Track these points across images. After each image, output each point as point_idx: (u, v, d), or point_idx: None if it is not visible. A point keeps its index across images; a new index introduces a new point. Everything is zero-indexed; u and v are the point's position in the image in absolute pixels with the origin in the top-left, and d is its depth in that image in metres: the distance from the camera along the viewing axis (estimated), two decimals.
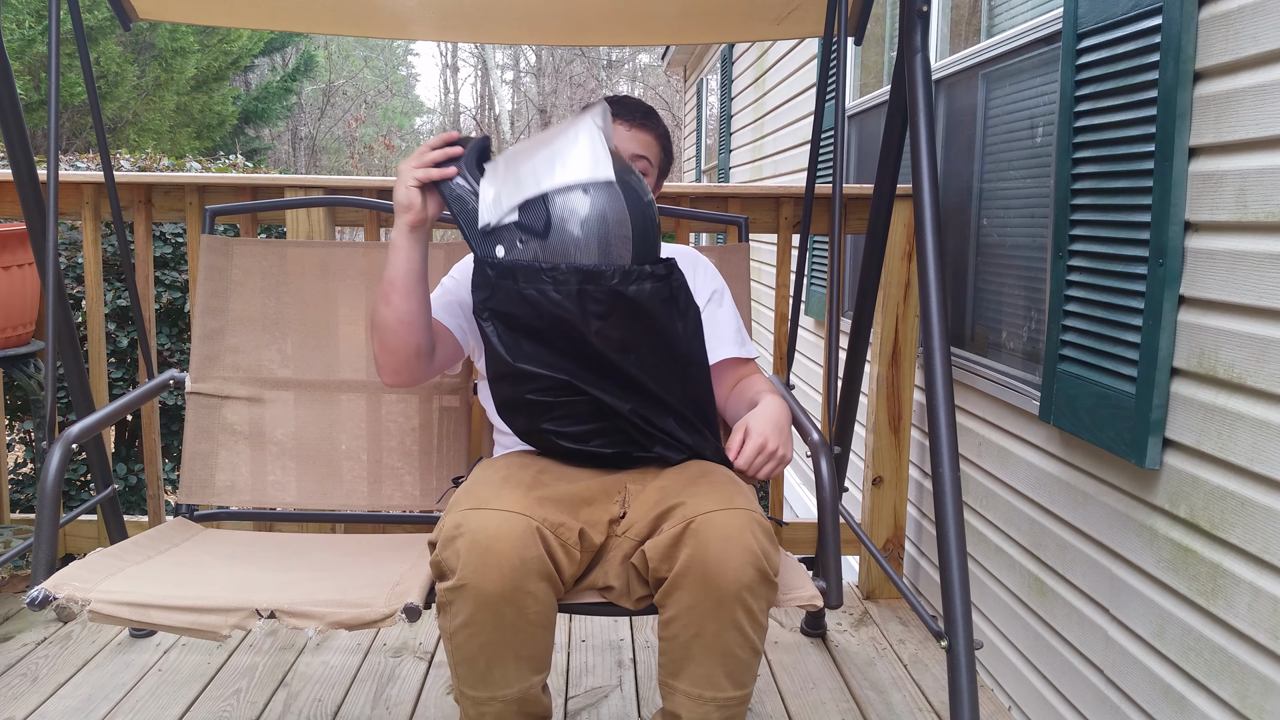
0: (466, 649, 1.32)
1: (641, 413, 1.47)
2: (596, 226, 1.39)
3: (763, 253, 5.41)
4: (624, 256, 1.42)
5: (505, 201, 1.41)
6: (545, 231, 1.39)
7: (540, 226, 1.39)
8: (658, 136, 1.75)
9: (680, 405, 1.50)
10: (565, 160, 1.40)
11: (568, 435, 1.50)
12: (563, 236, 1.39)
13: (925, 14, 1.55)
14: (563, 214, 1.39)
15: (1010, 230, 2.18)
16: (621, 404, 1.45)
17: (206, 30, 11.02)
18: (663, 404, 1.48)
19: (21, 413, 3.61)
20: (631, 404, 1.46)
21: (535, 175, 1.40)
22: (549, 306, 1.41)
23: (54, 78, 1.65)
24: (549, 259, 1.39)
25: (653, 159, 1.74)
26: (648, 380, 1.46)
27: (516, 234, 1.40)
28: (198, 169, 4.79)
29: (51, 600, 1.34)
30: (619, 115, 1.71)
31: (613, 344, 1.43)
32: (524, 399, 1.49)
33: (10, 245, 2.33)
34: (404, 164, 1.48)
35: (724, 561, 1.28)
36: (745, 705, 1.38)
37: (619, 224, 1.41)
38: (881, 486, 2.51)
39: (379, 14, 2.00)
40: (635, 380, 1.45)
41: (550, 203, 1.39)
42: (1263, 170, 1.30)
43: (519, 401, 1.50)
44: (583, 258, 1.39)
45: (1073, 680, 1.77)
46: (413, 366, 1.54)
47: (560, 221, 1.39)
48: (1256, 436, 1.31)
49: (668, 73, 12.47)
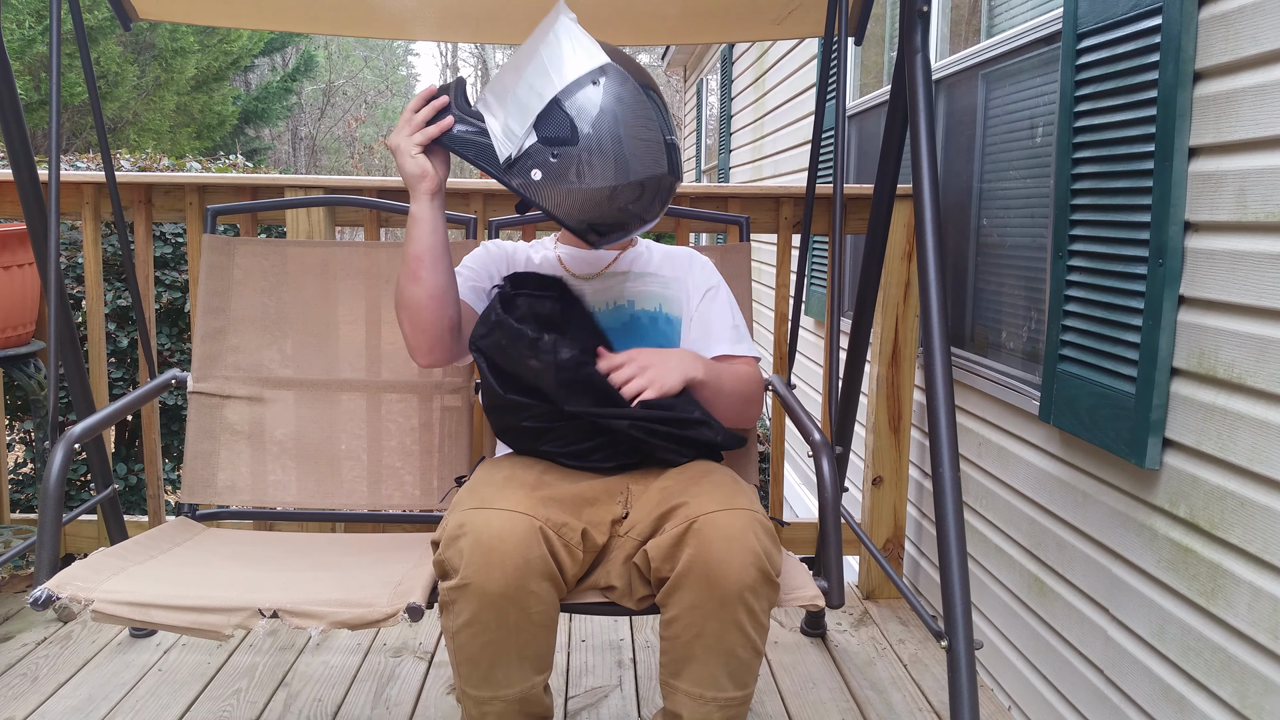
0: (469, 648, 1.32)
1: (640, 425, 1.47)
2: (623, 111, 1.38)
3: (763, 253, 5.41)
4: (657, 122, 1.40)
5: (517, 127, 1.38)
6: (574, 136, 1.36)
7: (567, 132, 1.36)
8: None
9: (679, 405, 1.51)
10: (558, 63, 1.37)
11: (567, 454, 1.52)
12: (597, 133, 1.37)
13: (925, 14, 1.55)
14: (583, 111, 1.37)
15: (1010, 230, 2.18)
16: (618, 421, 1.46)
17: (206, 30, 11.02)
18: (659, 408, 1.48)
19: (22, 413, 3.61)
20: (628, 419, 1.46)
21: (535, 90, 1.37)
22: (527, 373, 1.43)
23: (55, 78, 1.65)
24: (590, 158, 1.37)
25: None
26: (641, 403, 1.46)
27: (545, 152, 1.37)
28: (198, 169, 4.79)
29: (55, 600, 1.34)
30: None
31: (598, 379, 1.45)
32: (519, 426, 1.51)
33: (10, 245, 2.33)
34: (395, 137, 1.45)
35: (726, 562, 1.28)
36: (746, 705, 1.39)
37: (635, 97, 1.39)
38: (881, 486, 2.51)
39: (379, 14, 2.00)
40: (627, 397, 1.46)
41: (565, 106, 1.36)
42: (1263, 170, 1.30)
43: (515, 429, 1.53)
44: (628, 148, 1.37)
45: (1072, 680, 1.78)
46: (446, 343, 1.53)
47: (584, 119, 1.37)
48: (1256, 436, 1.31)
49: (668, 73, 12.47)
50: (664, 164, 1.42)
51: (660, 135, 1.42)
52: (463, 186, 2.39)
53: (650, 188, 1.42)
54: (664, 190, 1.45)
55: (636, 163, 1.39)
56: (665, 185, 1.44)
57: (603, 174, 1.38)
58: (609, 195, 1.39)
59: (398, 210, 2.10)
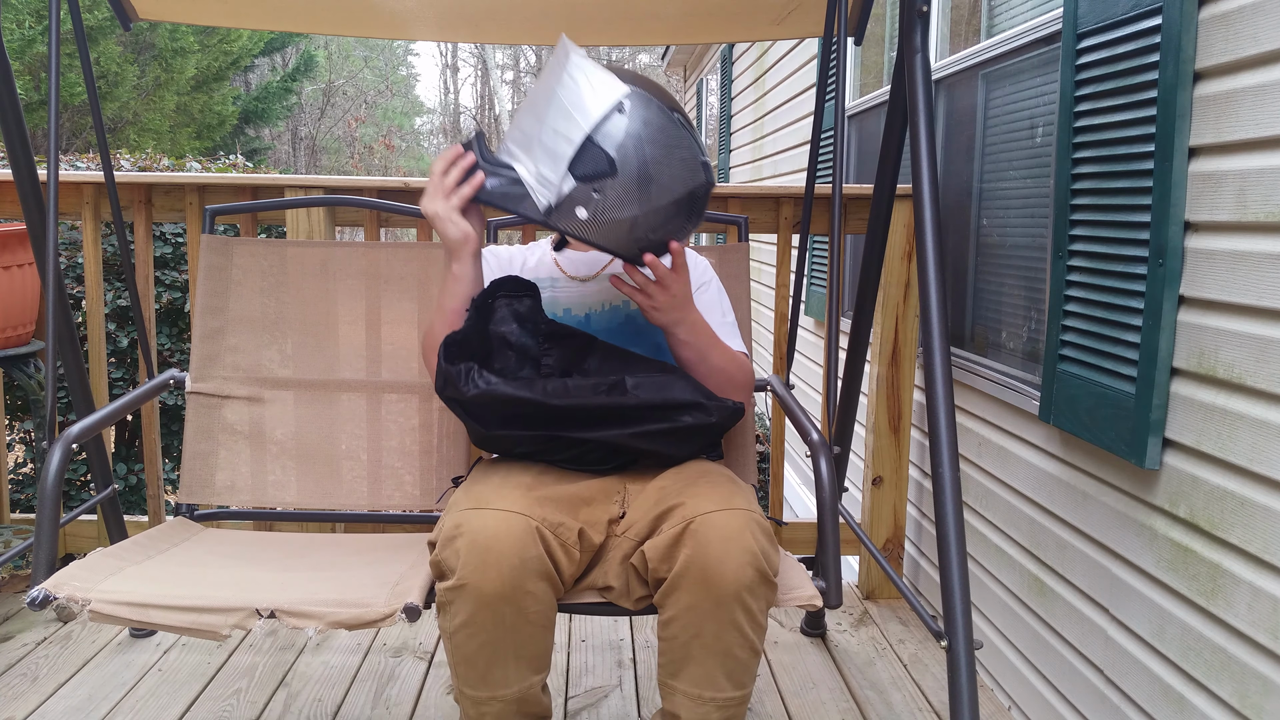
0: (466, 649, 1.32)
1: (633, 431, 1.47)
2: (654, 132, 1.38)
3: (763, 253, 5.41)
4: (687, 135, 1.41)
5: (551, 173, 1.38)
6: (612, 167, 1.36)
7: (604, 166, 1.36)
8: None
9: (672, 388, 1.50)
10: (579, 103, 1.37)
11: (562, 460, 1.53)
12: (634, 159, 1.37)
13: (925, 14, 1.55)
14: (615, 141, 1.37)
15: (1010, 230, 2.18)
16: (610, 431, 1.46)
17: (206, 30, 11.02)
18: (654, 409, 1.48)
19: (21, 413, 3.61)
20: (617, 429, 1.46)
21: (563, 134, 1.37)
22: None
23: (54, 78, 1.65)
24: (632, 185, 1.37)
25: None
26: (632, 403, 1.46)
27: (586, 189, 1.37)
28: (198, 169, 4.79)
29: (52, 600, 1.34)
30: None
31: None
32: (513, 453, 1.54)
33: (10, 245, 2.33)
34: (429, 204, 1.45)
35: (723, 562, 1.28)
36: (745, 705, 1.38)
37: (662, 116, 1.40)
38: (881, 486, 2.51)
39: (379, 14, 2.00)
40: (619, 408, 1.46)
41: (596, 141, 1.36)
42: (1263, 170, 1.30)
43: (509, 454, 1.55)
44: (666, 167, 1.38)
45: (1072, 680, 1.77)
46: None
47: (618, 148, 1.36)
48: (1256, 436, 1.31)
49: (668, 73, 12.46)
50: (701, 174, 1.43)
51: (692, 146, 1.43)
52: None
53: (694, 198, 1.44)
54: (704, 198, 1.47)
55: (677, 178, 1.40)
56: (705, 193, 1.46)
57: (647, 197, 1.38)
58: (657, 216, 1.40)
59: (397, 210, 2.10)
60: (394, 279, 1.95)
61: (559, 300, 1.69)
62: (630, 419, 1.46)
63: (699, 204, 1.45)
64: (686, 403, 1.48)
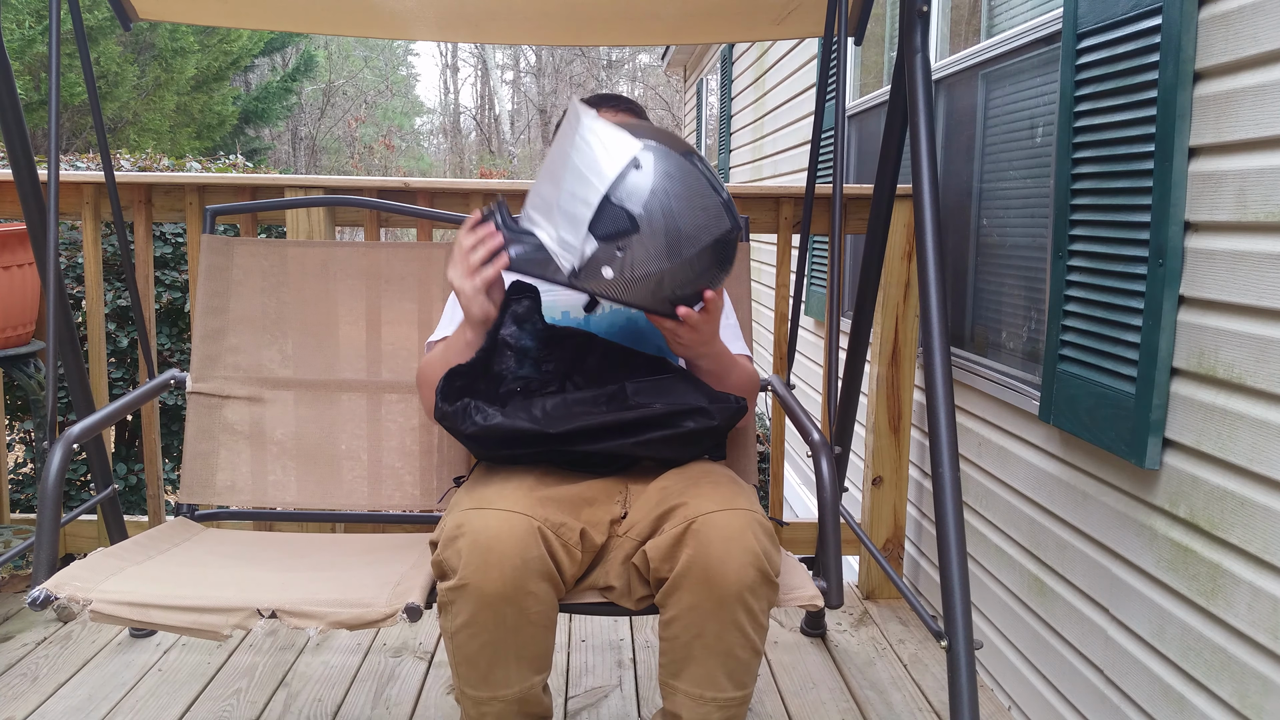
0: (468, 649, 1.32)
1: (636, 440, 1.47)
2: (673, 184, 1.37)
3: (763, 253, 5.41)
4: (708, 183, 1.39)
5: (573, 237, 1.37)
6: (634, 224, 1.35)
7: (625, 224, 1.35)
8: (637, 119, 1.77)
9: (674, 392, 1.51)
10: (594, 163, 1.36)
11: (564, 463, 1.53)
12: (655, 214, 1.35)
13: (925, 14, 1.55)
14: (635, 197, 1.35)
15: (1010, 230, 2.18)
16: (613, 443, 1.46)
17: (206, 30, 11.02)
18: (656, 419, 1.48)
19: (21, 413, 3.61)
20: (619, 440, 1.46)
21: (580, 198, 1.36)
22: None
23: (54, 78, 1.65)
24: (656, 239, 1.35)
25: None
26: (632, 417, 1.46)
27: (611, 249, 1.35)
28: (198, 169, 4.79)
29: (53, 600, 1.34)
30: (600, 109, 1.74)
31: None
32: (515, 463, 1.53)
33: (10, 245, 2.33)
34: (456, 278, 1.45)
35: (725, 562, 1.28)
36: (746, 705, 1.38)
37: (681, 167, 1.38)
38: (881, 486, 2.51)
39: (379, 14, 2.00)
40: (620, 424, 1.46)
41: (615, 200, 1.35)
42: (1263, 170, 1.30)
43: (511, 463, 1.55)
44: (688, 218, 1.36)
45: (1072, 680, 1.78)
46: None
47: (638, 204, 1.35)
48: (1256, 436, 1.31)
49: (668, 73, 12.47)
50: (726, 221, 1.41)
51: (715, 194, 1.40)
52: (462, 187, 2.39)
53: (721, 246, 1.41)
54: (732, 244, 1.43)
55: (702, 228, 1.38)
56: (732, 239, 1.43)
57: (673, 250, 1.36)
58: (686, 269, 1.38)
59: (398, 210, 2.10)
60: (394, 279, 1.95)
61: (558, 303, 1.69)
62: (631, 430, 1.46)
63: (727, 251, 1.42)
64: (689, 408, 1.48)
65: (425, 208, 2.25)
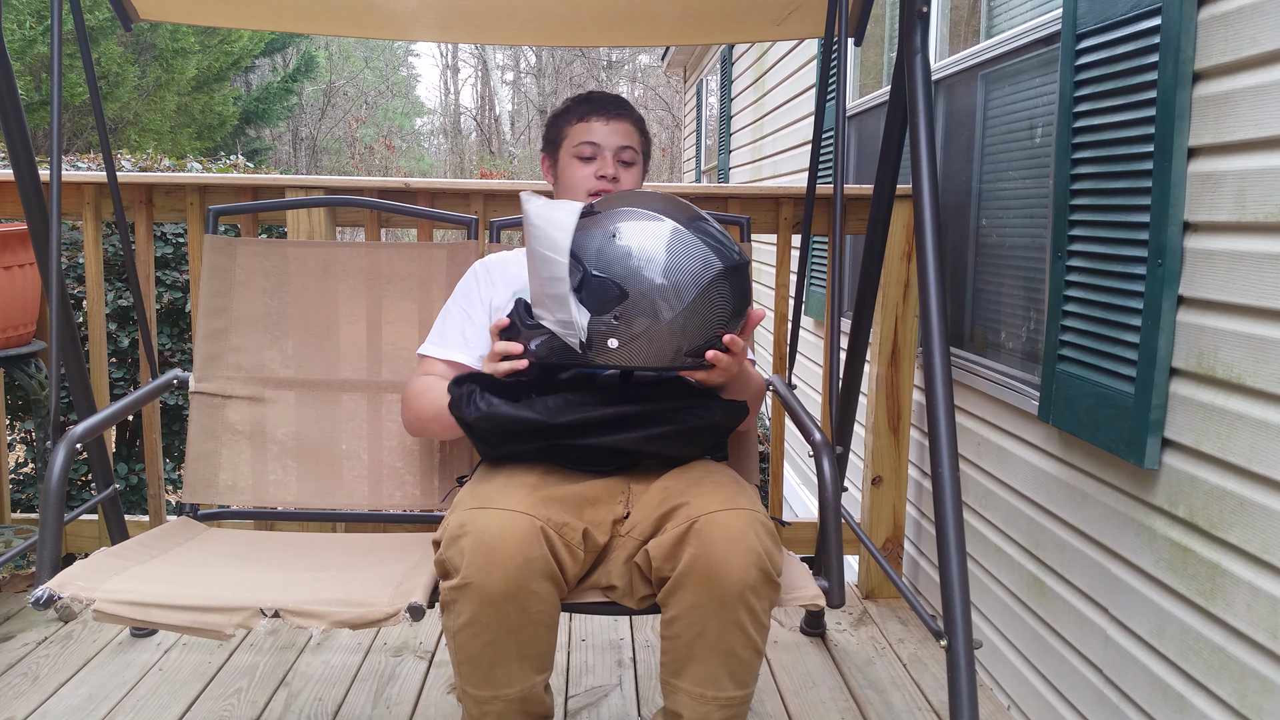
0: (470, 648, 1.32)
1: (639, 434, 1.47)
2: (646, 239, 1.38)
3: (763, 253, 5.41)
4: (692, 239, 1.39)
5: (565, 315, 1.38)
6: (622, 290, 1.36)
7: (614, 291, 1.36)
8: (634, 122, 1.78)
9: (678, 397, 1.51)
10: (551, 244, 1.37)
11: (567, 462, 1.54)
12: (637, 275, 1.36)
13: (925, 14, 1.55)
14: (611, 262, 1.37)
15: (1009, 230, 2.18)
16: (616, 436, 1.47)
17: (207, 31, 11.01)
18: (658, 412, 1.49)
19: (22, 413, 3.62)
20: (623, 433, 1.47)
21: (555, 277, 1.37)
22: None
23: (56, 78, 1.65)
24: (648, 298, 1.36)
25: (637, 146, 1.78)
26: (633, 411, 1.47)
27: (606, 319, 1.37)
28: (199, 169, 4.79)
29: (56, 600, 1.34)
30: (592, 112, 1.74)
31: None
32: (519, 461, 1.54)
33: (11, 245, 2.34)
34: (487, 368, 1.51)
35: (727, 561, 1.29)
36: (747, 705, 1.39)
37: (650, 222, 1.39)
38: (881, 486, 2.52)
39: (379, 14, 2.00)
40: (622, 417, 1.47)
41: (597, 272, 1.36)
42: (1262, 170, 1.30)
43: (516, 460, 1.56)
44: (673, 271, 1.36)
45: (1072, 680, 1.78)
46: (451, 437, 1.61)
47: (617, 268, 1.36)
48: (1255, 436, 1.31)
49: (668, 73, 12.47)
50: (716, 260, 1.38)
51: (698, 239, 1.38)
52: (463, 187, 2.39)
53: (721, 285, 1.39)
54: (737, 277, 1.41)
55: (690, 274, 1.36)
56: (731, 272, 1.40)
57: (669, 304, 1.35)
58: (690, 317, 1.37)
59: (398, 210, 2.11)
60: (395, 279, 1.96)
61: None
62: (635, 423, 1.46)
63: (733, 286, 1.40)
64: (692, 403, 1.49)
65: (426, 208, 2.25)
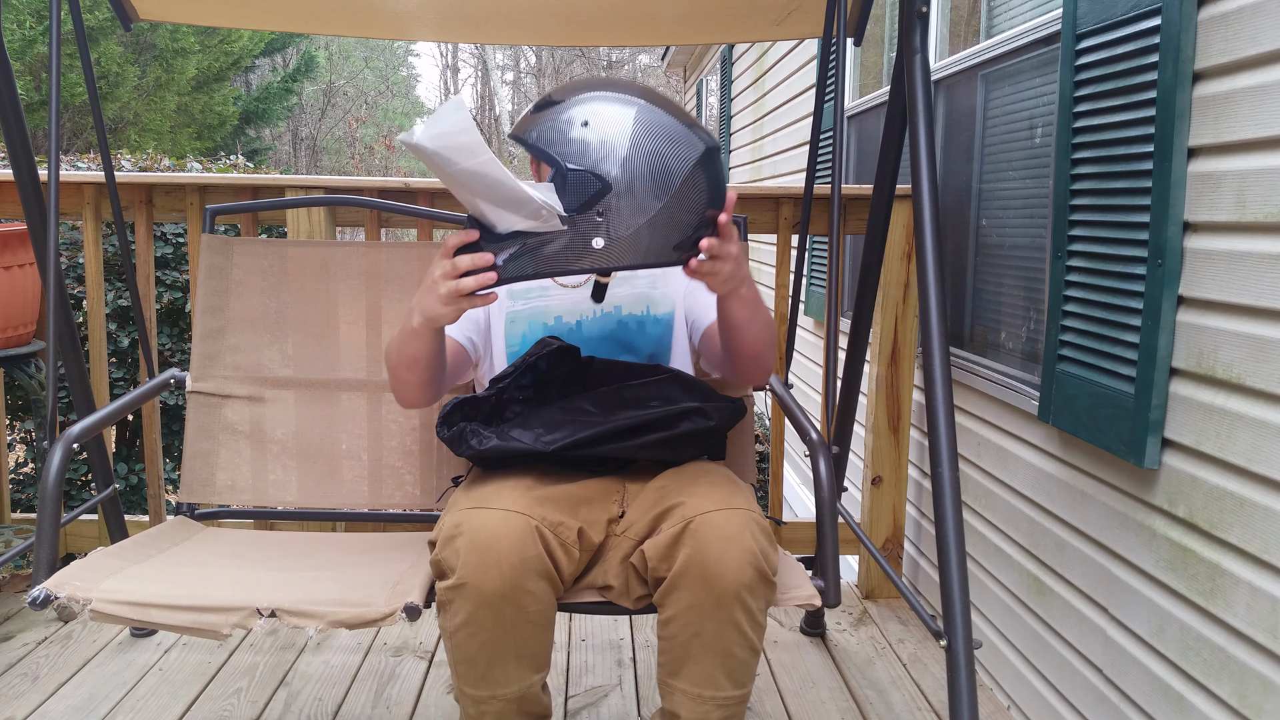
0: (466, 648, 1.32)
1: (633, 444, 1.47)
2: (635, 128, 1.27)
3: (762, 253, 5.41)
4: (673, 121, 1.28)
5: (532, 206, 1.23)
6: (605, 183, 1.23)
7: (596, 185, 1.23)
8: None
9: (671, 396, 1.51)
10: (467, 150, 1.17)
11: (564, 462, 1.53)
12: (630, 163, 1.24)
13: (925, 14, 1.55)
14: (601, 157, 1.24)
15: (1009, 230, 2.18)
16: (610, 446, 1.47)
17: (207, 31, 11.02)
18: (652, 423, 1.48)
19: (22, 413, 3.62)
20: (617, 444, 1.47)
21: (491, 177, 1.20)
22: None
23: (55, 78, 1.65)
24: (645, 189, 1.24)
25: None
26: (627, 424, 1.47)
27: (589, 217, 1.24)
28: (198, 169, 4.79)
29: (53, 600, 1.34)
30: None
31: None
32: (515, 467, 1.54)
33: (11, 245, 2.33)
34: (432, 304, 1.31)
35: (723, 561, 1.28)
36: (744, 704, 1.39)
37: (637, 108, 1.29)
38: (880, 486, 2.51)
39: (379, 14, 2.00)
40: (616, 430, 1.46)
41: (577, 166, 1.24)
42: (1262, 170, 1.30)
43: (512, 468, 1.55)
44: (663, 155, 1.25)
45: (1072, 679, 1.78)
46: (430, 396, 1.55)
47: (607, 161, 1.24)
48: (1255, 436, 1.31)
49: (668, 73, 12.47)
50: (699, 143, 1.29)
51: (675, 120, 1.30)
52: None
53: (706, 167, 1.29)
54: (716, 160, 1.32)
55: (676, 158, 1.27)
56: (713, 155, 1.31)
57: (659, 190, 1.26)
58: (678, 204, 1.27)
59: (398, 210, 2.10)
60: (394, 279, 1.96)
61: (550, 308, 1.69)
62: (628, 435, 1.47)
63: (715, 169, 1.30)
64: (685, 410, 1.49)
65: (426, 208, 2.25)
